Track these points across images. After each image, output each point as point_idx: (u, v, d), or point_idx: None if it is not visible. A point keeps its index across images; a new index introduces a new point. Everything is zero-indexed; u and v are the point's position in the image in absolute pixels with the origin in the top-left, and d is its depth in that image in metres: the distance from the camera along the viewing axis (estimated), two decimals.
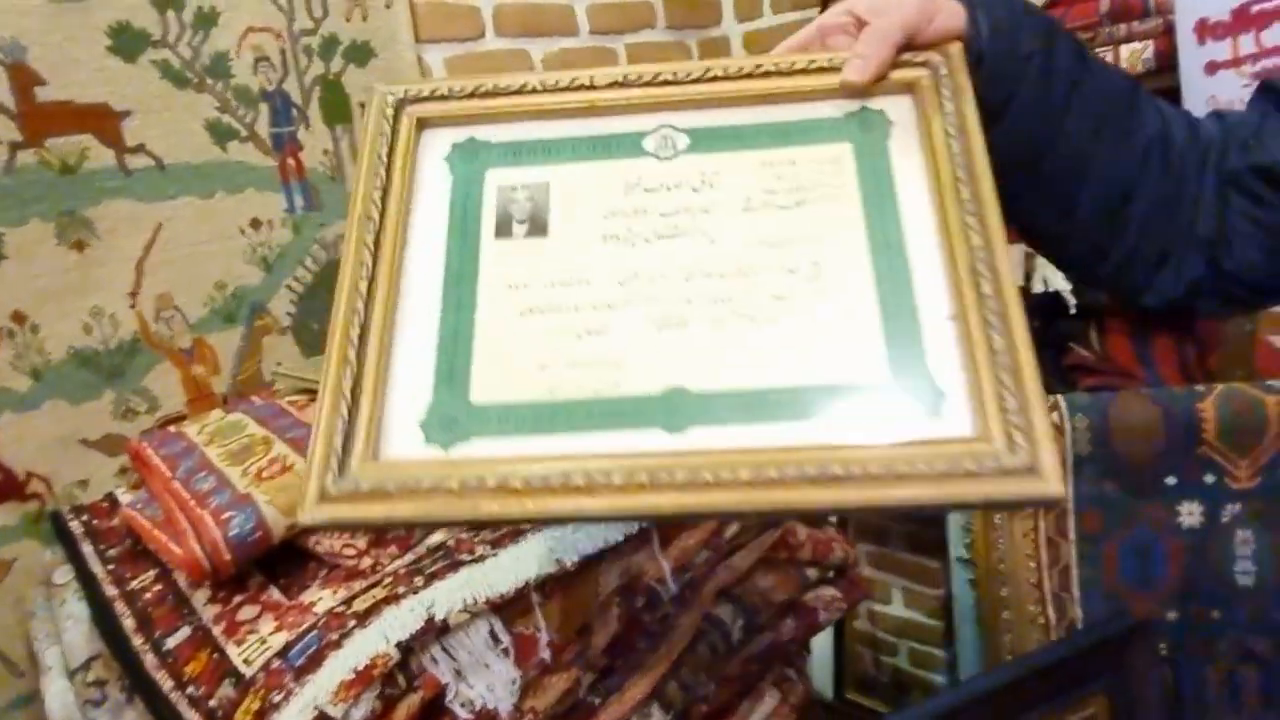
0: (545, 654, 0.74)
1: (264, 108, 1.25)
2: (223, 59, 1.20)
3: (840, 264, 0.52)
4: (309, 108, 1.30)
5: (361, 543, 0.75)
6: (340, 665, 0.64)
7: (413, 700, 0.67)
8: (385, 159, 0.57)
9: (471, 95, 0.60)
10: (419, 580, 0.70)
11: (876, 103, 0.56)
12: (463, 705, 0.69)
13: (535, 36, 1.66)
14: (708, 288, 0.52)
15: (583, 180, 0.56)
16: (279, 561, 0.81)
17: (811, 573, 1.08)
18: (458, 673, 0.70)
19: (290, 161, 1.28)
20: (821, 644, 1.79)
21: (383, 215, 0.55)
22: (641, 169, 0.56)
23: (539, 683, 0.75)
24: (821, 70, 0.57)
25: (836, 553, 1.12)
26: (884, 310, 0.50)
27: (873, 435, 0.47)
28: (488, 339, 0.52)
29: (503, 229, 0.55)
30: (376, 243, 0.54)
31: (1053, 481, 0.44)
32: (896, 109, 0.56)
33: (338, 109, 1.33)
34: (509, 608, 0.73)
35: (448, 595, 0.69)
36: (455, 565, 0.72)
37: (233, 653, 0.72)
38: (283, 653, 0.69)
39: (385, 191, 0.56)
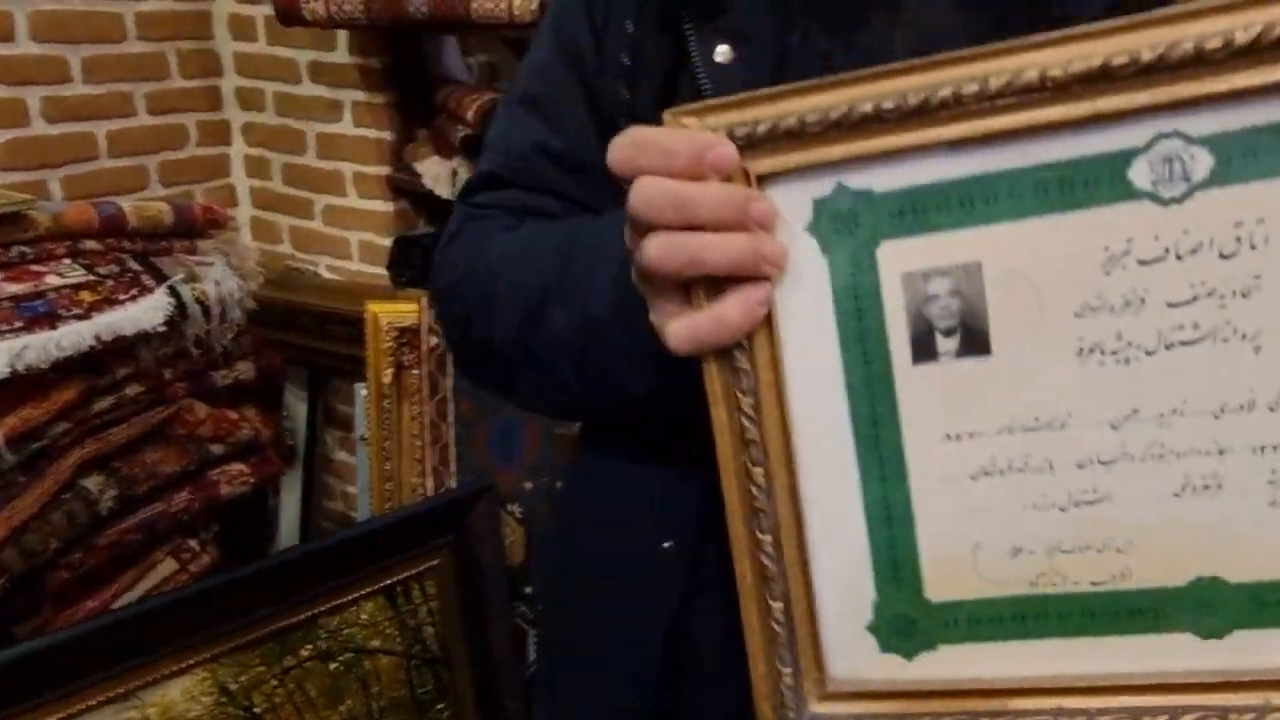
0: None
1: None
2: None
3: None
4: None
5: None
6: None
7: None
8: None
9: (832, 125, 0.37)
10: None
11: None
12: None
13: None
14: (1253, 429, 0.37)
15: (1034, 252, 0.37)
16: None
17: (216, 448, 1.15)
18: None
19: None
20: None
21: (751, 342, 0.40)
22: (1131, 223, 0.36)
23: None
24: None
25: (244, 431, 1.20)
26: None
27: None
28: (933, 515, 0.40)
29: (922, 347, 0.39)
30: (755, 385, 0.40)
31: None
32: None
33: None
34: None
35: None
36: None
37: None
38: None
39: None
